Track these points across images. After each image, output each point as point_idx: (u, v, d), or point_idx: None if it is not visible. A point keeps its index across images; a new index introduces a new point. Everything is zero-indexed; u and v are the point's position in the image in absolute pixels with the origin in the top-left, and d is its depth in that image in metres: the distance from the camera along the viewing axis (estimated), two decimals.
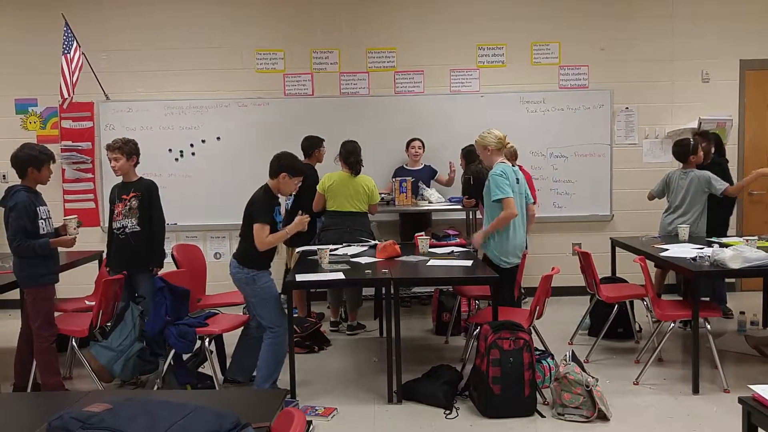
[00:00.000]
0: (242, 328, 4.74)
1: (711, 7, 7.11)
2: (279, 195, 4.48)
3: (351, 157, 5.78)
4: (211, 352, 4.60)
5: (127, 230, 4.81)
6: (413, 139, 6.81)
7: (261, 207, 4.31)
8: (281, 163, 4.39)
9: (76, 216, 4.58)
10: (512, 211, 4.67)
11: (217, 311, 4.93)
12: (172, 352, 4.44)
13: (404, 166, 6.89)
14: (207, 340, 4.51)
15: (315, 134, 6.35)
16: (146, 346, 4.58)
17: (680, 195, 5.77)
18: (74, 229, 4.47)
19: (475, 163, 6.00)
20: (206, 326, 4.52)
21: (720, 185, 5.67)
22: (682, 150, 5.84)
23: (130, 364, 4.60)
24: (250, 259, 4.36)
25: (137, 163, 4.95)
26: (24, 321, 4.59)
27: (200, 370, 4.75)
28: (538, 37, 7.17)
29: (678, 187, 5.81)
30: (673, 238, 5.61)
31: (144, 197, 4.83)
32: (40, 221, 4.33)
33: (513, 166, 4.99)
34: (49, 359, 4.40)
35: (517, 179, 4.85)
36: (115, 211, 4.87)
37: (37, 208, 4.31)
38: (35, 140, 6.75)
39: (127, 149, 4.85)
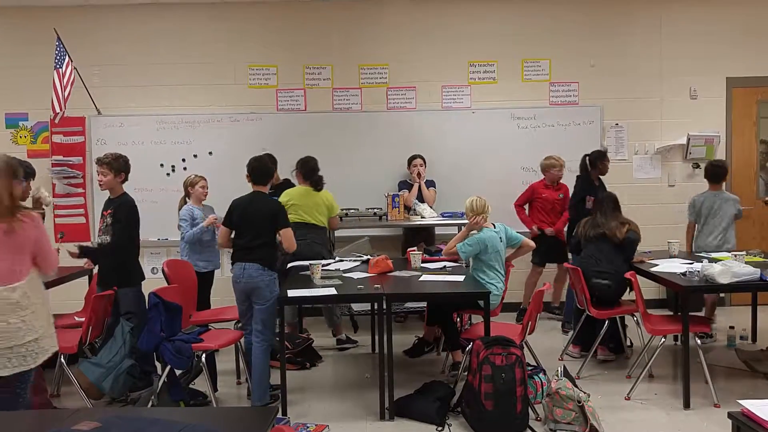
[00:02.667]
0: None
1: (698, 26, 7.20)
2: None
3: (315, 174, 5.85)
4: (203, 367, 4.57)
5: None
6: (414, 157, 6.83)
7: (285, 213, 4.77)
8: (270, 166, 4.93)
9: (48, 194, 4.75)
10: (453, 254, 5.24)
11: (209, 327, 4.91)
12: (168, 368, 4.42)
13: (407, 180, 6.91)
14: (204, 355, 4.48)
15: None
16: (136, 362, 4.54)
17: (717, 215, 5.98)
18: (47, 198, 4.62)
19: None
20: (201, 342, 4.51)
21: (740, 208, 6.10)
22: (720, 171, 6.08)
23: (120, 380, 4.57)
24: (272, 262, 4.64)
25: (125, 180, 4.91)
26: None
27: (190, 386, 4.73)
28: (529, 54, 7.23)
29: (715, 208, 5.99)
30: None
31: (115, 213, 4.73)
32: None
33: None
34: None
35: (501, 238, 5.16)
36: (98, 227, 4.83)
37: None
38: (26, 155, 6.73)
39: (116, 165, 4.79)
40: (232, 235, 4.73)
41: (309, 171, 5.85)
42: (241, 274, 4.58)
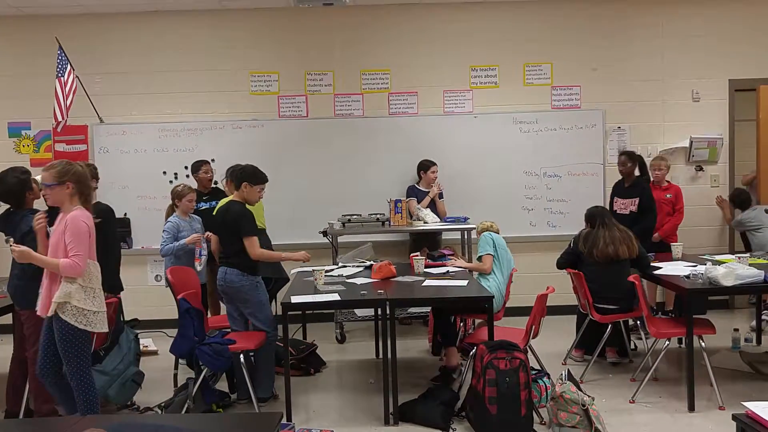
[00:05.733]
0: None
1: (699, 28, 7.21)
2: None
3: None
4: (243, 368, 4.60)
5: None
6: (432, 164, 6.81)
7: (248, 221, 4.67)
8: (242, 174, 4.79)
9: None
10: (487, 269, 5.27)
11: (227, 330, 4.92)
12: (204, 371, 4.49)
13: (416, 185, 6.92)
14: (242, 355, 4.56)
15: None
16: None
17: None
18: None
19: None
20: (235, 343, 4.54)
21: None
22: None
23: (126, 388, 4.58)
24: (250, 267, 4.68)
25: (96, 187, 4.98)
26: (16, 346, 4.55)
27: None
28: (531, 59, 7.24)
29: None
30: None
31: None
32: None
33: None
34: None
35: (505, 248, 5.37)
36: None
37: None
38: (29, 163, 6.73)
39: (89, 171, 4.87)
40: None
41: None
42: (222, 277, 4.72)
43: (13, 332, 4.60)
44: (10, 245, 3.73)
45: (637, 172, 6.37)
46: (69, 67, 6.47)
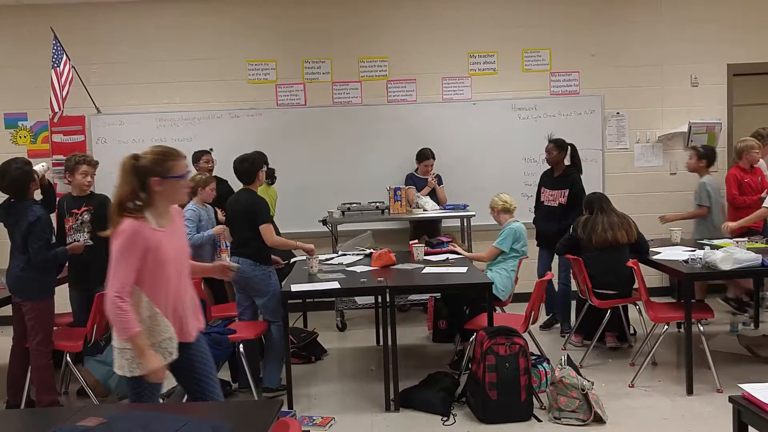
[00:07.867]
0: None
1: (698, 13, 7.18)
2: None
3: (268, 169, 5.91)
4: (242, 357, 4.62)
5: None
6: (427, 156, 6.80)
7: (262, 208, 4.73)
8: (256, 164, 4.86)
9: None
10: (486, 257, 5.40)
11: (230, 320, 4.94)
12: None
13: (414, 173, 6.92)
14: (242, 345, 4.57)
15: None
16: None
17: None
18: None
19: None
20: (235, 332, 4.55)
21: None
22: None
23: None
24: (264, 257, 4.72)
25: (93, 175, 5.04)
26: (17, 337, 4.56)
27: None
28: (529, 45, 7.22)
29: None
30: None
31: (98, 211, 4.72)
32: None
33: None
34: (47, 376, 4.40)
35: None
36: (66, 226, 4.79)
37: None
38: (26, 155, 6.70)
39: (95, 165, 4.99)
40: None
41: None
42: None
43: (13, 324, 4.61)
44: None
45: (567, 162, 6.08)
46: (65, 57, 6.45)
